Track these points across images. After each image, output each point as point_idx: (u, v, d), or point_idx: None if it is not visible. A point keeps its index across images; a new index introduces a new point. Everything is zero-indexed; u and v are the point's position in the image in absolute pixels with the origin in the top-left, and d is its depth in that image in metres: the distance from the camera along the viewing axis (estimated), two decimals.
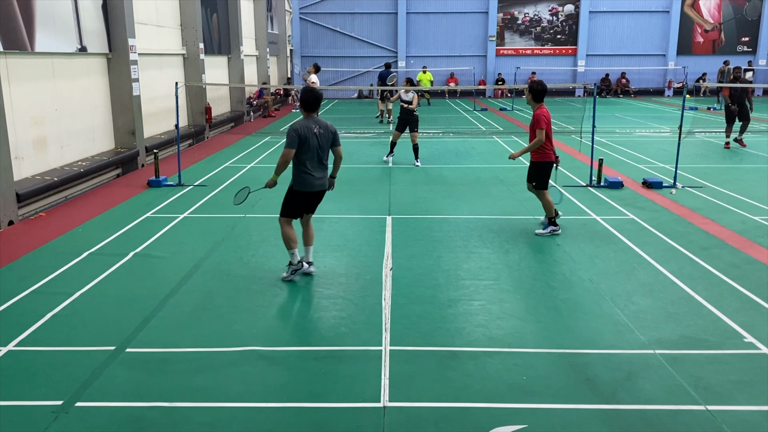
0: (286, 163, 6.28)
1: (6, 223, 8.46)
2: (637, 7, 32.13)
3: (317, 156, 6.28)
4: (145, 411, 4.11)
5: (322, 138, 6.27)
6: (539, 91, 7.94)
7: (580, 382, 4.45)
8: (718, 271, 6.66)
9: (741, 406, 4.16)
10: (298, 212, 6.52)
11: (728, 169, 12.63)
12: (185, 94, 16.09)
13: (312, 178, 6.31)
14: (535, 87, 7.97)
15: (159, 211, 9.31)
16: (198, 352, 4.92)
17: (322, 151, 6.32)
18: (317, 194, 6.50)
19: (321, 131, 6.26)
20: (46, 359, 4.81)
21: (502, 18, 32.67)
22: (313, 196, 6.48)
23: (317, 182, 6.37)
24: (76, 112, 11.12)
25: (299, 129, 6.16)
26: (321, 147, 6.28)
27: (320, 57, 32.21)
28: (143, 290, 6.19)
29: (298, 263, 6.50)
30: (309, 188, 6.36)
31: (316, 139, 6.21)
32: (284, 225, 6.47)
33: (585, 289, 6.20)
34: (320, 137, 6.25)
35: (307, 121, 6.26)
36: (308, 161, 6.25)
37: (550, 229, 8.00)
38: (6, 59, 9.06)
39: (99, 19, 11.77)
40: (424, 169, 12.65)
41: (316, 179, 6.34)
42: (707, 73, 31.73)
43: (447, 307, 5.77)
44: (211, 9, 18.95)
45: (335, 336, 5.23)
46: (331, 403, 4.21)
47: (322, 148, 6.29)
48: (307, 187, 6.36)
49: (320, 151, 6.29)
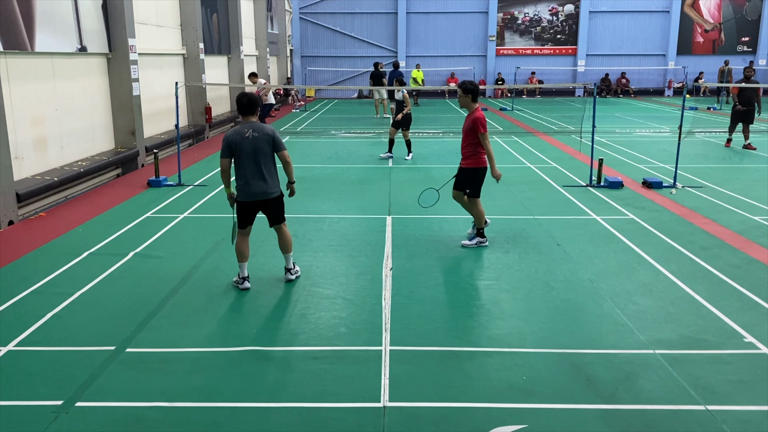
0: (223, 172, 6.02)
1: (6, 223, 8.46)
2: (637, 7, 32.12)
3: (254, 162, 5.91)
4: (145, 411, 4.12)
5: (258, 142, 5.88)
6: (477, 91, 7.46)
7: (580, 382, 4.45)
8: (718, 271, 6.66)
9: (741, 406, 4.16)
10: (242, 223, 6.16)
11: (728, 169, 12.63)
12: (185, 94, 16.09)
13: (248, 187, 5.97)
14: (470, 86, 7.40)
15: (159, 211, 9.31)
16: (198, 352, 4.92)
17: (261, 157, 5.92)
18: (261, 203, 6.09)
19: (255, 135, 5.88)
20: (46, 359, 4.81)
21: (502, 18, 32.67)
22: (255, 206, 6.10)
23: (255, 190, 5.99)
24: (76, 112, 11.12)
25: (230, 136, 5.89)
26: (257, 152, 5.88)
27: (320, 57, 32.26)
28: (143, 290, 6.19)
29: (241, 278, 6.22)
30: (245, 197, 6.03)
31: (249, 144, 5.86)
32: (236, 237, 6.23)
33: (585, 289, 6.20)
34: (255, 141, 5.87)
35: (242, 126, 5.95)
36: (245, 168, 5.92)
37: (476, 241, 7.55)
38: (6, 59, 9.06)
39: (99, 19, 11.77)
40: (424, 168, 12.65)
41: (253, 187, 5.97)
42: (704, 72, 31.74)
43: (447, 307, 5.77)
44: (211, 9, 18.95)
45: (335, 336, 5.23)
46: (331, 403, 4.21)
47: (258, 153, 5.89)
48: (244, 197, 6.03)
49: (258, 156, 5.90)
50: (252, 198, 6.05)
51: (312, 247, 7.56)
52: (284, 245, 6.40)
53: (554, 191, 10.46)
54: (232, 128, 5.97)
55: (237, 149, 5.91)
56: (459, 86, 7.51)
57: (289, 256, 6.44)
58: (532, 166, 12.52)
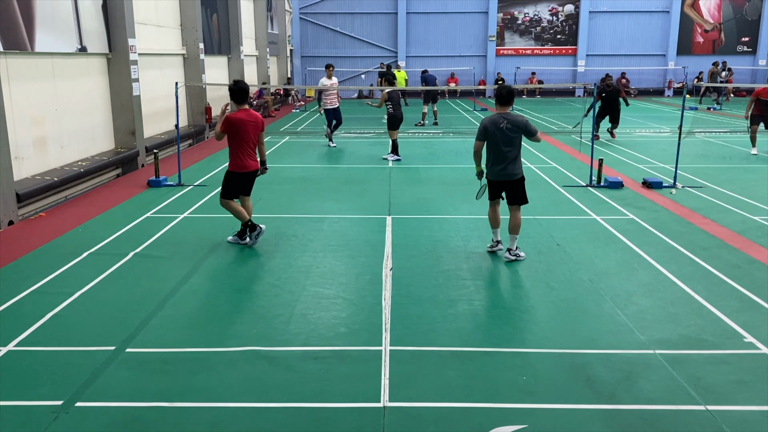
0: (475, 153, 7.18)
1: (6, 223, 8.46)
2: (637, 7, 32.14)
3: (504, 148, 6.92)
4: (145, 411, 4.12)
5: (510, 131, 6.86)
6: (236, 91, 7.41)
7: (580, 382, 4.45)
8: (718, 271, 6.66)
9: (741, 406, 4.16)
10: (492, 195, 7.27)
11: (728, 169, 12.62)
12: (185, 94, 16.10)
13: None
14: (235, 87, 7.42)
15: (159, 211, 9.31)
16: (198, 352, 4.92)
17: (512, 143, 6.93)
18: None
19: (509, 126, 6.84)
20: (46, 359, 4.81)
21: (502, 18, 32.68)
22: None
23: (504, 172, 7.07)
24: (76, 112, 11.12)
25: (486, 124, 6.96)
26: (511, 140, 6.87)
27: (320, 57, 32.25)
28: (143, 290, 6.19)
29: (495, 241, 7.37)
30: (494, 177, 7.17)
31: (502, 133, 6.86)
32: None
33: (585, 289, 6.20)
34: (508, 131, 6.85)
35: (498, 116, 6.91)
36: (496, 153, 6.98)
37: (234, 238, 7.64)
38: (6, 59, 9.06)
39: (99, 19, 11.77)
40: (424, 168, 12.65)
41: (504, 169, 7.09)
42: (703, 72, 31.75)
43: (447, 307, 5.77)
44: (211, 9, 18.96)
45: (335, 336, 5.23)
46: (331, 403, 4.21)
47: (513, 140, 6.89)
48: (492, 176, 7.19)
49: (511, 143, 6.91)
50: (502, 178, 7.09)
51: (312, 247, 7.55)
52: (513, 226, 7.11)
53: (554, 191, 10.47)
54: (487, 117, 7.00)
55: (491, 136, 6.90)
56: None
57: (514, 238, 7.10)
58: (532, 166, 12.52)
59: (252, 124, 7.39)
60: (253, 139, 7.46)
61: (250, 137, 7.39)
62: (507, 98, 6.86)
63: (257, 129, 7.47)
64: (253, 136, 7.43)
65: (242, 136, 7.33)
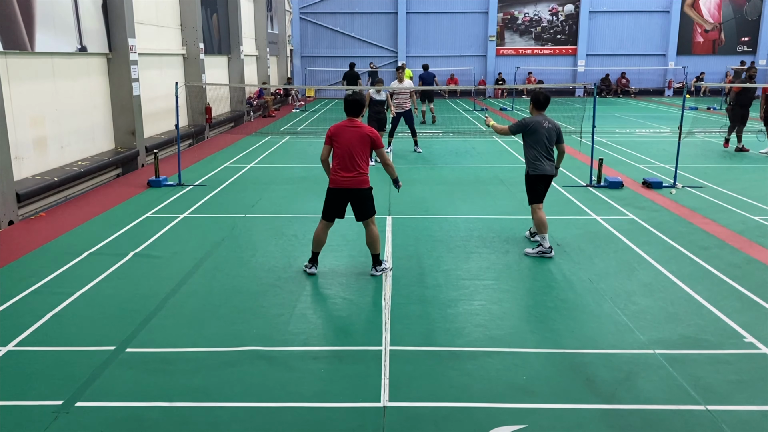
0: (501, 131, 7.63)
1: (6, 223, 8.46)
2: (637, 7, 32.12)
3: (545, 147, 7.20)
4: (145, 411, 4.12)
5: (551, 132, 7.16)
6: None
7: (580, 382, 4.45)
8: (718, 271, 6.66)
9: (741, 406, 4.16)
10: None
11: (728, 169, 12.63)
12: (185, 94, 16.09)
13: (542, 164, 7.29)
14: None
15: (159, 211, 9.31)
16: (198, 352, 4.92)
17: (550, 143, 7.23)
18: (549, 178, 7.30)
19: (550, 126, 7.19)
20: (46, 359, 4.81)
21: (502, 18, 32.67)
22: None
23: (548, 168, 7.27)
24: (76, 112, 11.12)
25: (529, 121, 7.20)
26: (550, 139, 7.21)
27: (320, 57, 32.25)
28: (143, 290, 6.19)
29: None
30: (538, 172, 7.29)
31: (545, 131, 7.10)
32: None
33: (585, 289, 6.20)
34: (549, 131, 7.17)
35: (540, 116, 7.22)
36: (540, 150, 7.18)
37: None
38: (6, 59, 9.06)
39: (99, 19, 11.77)
40: (424, 168, 12.65)
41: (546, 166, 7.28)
42: (705, 72, 31.74)
43: (447, 307, 5.77)
44: (211, 9, 18.95)
45: (335, 336, 5.23)
46: (331, 403, 4.21)
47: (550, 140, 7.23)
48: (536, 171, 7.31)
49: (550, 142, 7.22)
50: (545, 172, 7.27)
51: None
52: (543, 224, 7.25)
53: (554, 191, 10.46)
54: (529, 117, 7.26)
55: (533, 132, 7.12)
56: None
57: (544, 237, 7.21)
58: None
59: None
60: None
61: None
62: (544, 103, 7.23)
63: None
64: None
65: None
